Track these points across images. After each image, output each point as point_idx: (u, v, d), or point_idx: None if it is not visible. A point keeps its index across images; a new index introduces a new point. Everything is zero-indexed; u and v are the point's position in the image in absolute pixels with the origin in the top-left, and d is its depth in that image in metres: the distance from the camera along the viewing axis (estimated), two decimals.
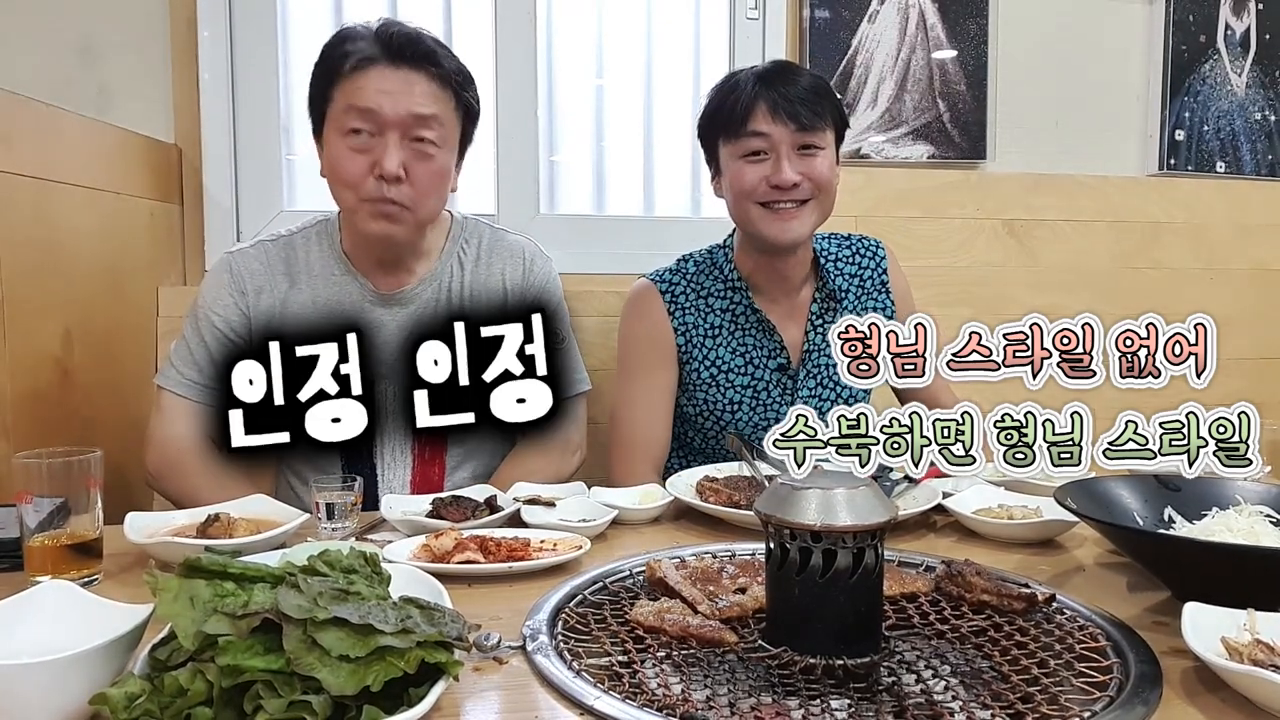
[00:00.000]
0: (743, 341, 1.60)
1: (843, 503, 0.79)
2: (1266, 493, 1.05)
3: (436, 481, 1.53)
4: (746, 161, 1.51)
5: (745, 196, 1.52)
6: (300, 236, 1.53)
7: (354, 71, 1.36)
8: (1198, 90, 2.49)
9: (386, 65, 1.36)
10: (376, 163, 1.35)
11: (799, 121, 1.48)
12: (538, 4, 2.17)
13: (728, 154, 1.54)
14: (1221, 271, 2.53)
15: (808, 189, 1.51)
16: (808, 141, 1.50)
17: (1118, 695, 0.73)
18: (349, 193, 1.39)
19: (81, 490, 1.00)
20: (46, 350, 1.44)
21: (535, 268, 1.57)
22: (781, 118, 1.48)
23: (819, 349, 1.61)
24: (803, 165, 1.50)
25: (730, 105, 1.51)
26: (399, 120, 1.35)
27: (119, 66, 1.93)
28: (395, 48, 1.37)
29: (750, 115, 1.49)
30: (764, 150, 1.50)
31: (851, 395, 1.61)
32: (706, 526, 1.23)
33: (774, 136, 1.48)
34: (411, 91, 1.36)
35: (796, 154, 1.50)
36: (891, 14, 2.28)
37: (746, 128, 1.49)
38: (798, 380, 1.60)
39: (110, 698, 0.62)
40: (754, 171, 1.50)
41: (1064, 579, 1.03)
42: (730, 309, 1.61)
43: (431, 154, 1.39)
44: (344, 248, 1.51)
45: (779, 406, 1.59)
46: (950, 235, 2.35)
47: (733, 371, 1.59)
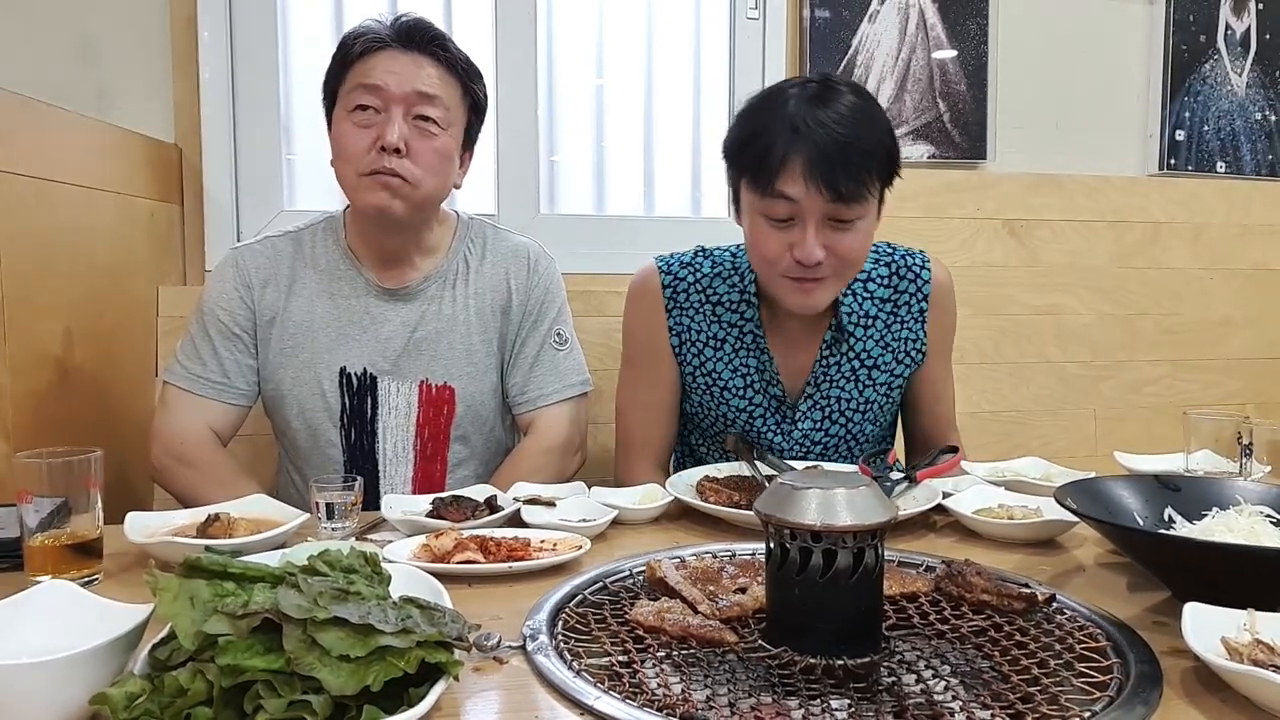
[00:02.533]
0: (744, 361, 1.48)
1: (843, 503, 0.79)
2: (1266, 493, 1.05)
3: (438, 479, 1.53)
4: (769, 225, 1.30)
5: (766, 264, 1.34)
6: (308, 232, 1.54)
7: (364, 54, 1.39)
8: (1198, 90, 2.49)
9: (397, 49, 1.39)
10: (379, 137, 1.37)
11: (836, 192, 1.24)
12: (538, 4, 2.18)
13: (749, 203, 1.33)
14: (1221, 271, 2.54)
15: (830, 266, 1.30)
16: (842, 215, 1.28)
17: (1118, 695, 0.73)
18: (349, 167, 1.40)
19: (81, 490, 1.00)
20: (46, 350, 1.44)
21: (539, 269, 1.57)
22: (817, 184, 1.24)
23: (826, 377, 1.48)
24: (830, 239, 1.29)
25: (760, 151, 1.27)
26: (403, 96, 1.38)
27: (119, 66, 1.93)
28: (405, 32, 1.40)
29: (780, 174, 1.25)
30: (791, 217, 1.29)
31: (857, 425, 1.52)
32: (706, 526, 1.23)
33: (804, 205, 1.26)
34: (419, 72, 1.39)
35: (828, 225, 1.28)
36: (891, 14, 2.28)
37: (774, 187, 1.26)
38: (797, 411, 1.49)
39: (110, 698, 0.62)
40: (777, 240, 1.30)
41: (1064, 579, 1.03)
42: (738, 324, 1.48)
43: (434, 133, 1.41)
44: (348, 242, 1.51)
45: (773, 436, 1.50)
46: (950, 235, 2.35)
47: (729, 391, 1.49)
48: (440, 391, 1.51)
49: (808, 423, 1.50)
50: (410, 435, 1.51)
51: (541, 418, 1.54)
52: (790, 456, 1.50)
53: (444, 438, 1.53)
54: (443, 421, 1.52)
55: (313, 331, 1.48)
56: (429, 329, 1.50)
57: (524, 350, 1.55)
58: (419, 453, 1.52)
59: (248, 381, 1.49)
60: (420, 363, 1.50)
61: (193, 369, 1.46)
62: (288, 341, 1.48)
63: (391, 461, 1.51)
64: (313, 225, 1.55)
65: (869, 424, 1.53)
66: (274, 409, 1.53)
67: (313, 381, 1.48)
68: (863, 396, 1.50)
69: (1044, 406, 2.42)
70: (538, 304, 1.56)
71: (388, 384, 1.50)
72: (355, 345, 1.49)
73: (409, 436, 1.51)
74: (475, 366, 1.52)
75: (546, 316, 1.56)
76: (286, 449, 1.57)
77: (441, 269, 1.53)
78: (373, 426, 1.50)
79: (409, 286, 1.51)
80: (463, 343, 1.52)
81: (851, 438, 1.53)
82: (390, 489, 1.50)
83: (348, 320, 1.49)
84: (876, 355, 1.49)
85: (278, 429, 1.56)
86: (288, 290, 1.49)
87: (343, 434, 1.50)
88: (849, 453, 1.54)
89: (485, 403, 1.54)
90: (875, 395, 1.51)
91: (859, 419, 1.51)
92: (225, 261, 1.52)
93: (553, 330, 1.56)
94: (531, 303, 1.56)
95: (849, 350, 1.49)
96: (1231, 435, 1.31)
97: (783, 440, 1.51)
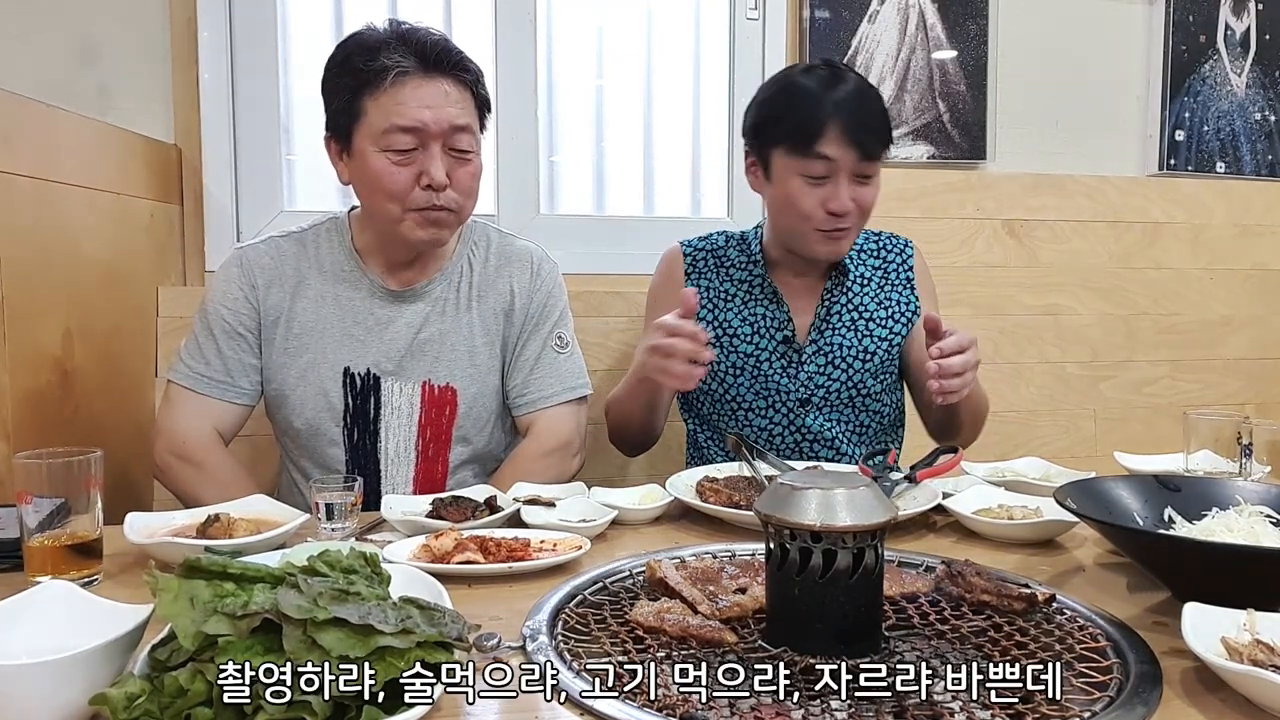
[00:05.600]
0: (753, 311, 1.63)
1: (843, 503, 0.79)
2: (1266, 493, 1.05)
3: (439, 479, 1.54)
4: (807, 183, 1.50)
5: (802, 219, 1.53)
6: (311, 233, 1.54)
7: (392, 86, 1.37)
8: (1198, 90, 2.49)
9: (421, 77, 1.38)
10: (423, 173, 1.38)
11: (866, 150, 1.48)
12: (538, 4, 2.17)
13: (785, 166, 1.52)
14: (1221, 271, 2.54)
15: (854, 216, 1.52)
16: (866, 171, 1.51)
17: (1118, 695, 0.73)
18: (394, 205, 1.40)
19: (81, 490, 1.00)
20: (46, 350, 1.44)
21: (542, 273, 1.59)
22: (850, 144, 1.47)
23: (828, 324, 1.62)
24: (855, 192, 1.50)
25: (799, 118, 1.49)
26: (440, 132, 1.38)
27: (119, 66, 1.93)
28: (432, 59, 1.38)
29: (821, 136, 1.47)
30: (826, 175, 1.49)
31: (858, 373, 1.62)
32: (706, 526, 1.23)
33: (839, 162, 1.48)
34: (448, 102, 1.39)
35: (854, 180, 1.50)
36: (891, 14, 2.28)
37: (814, 149, 1.48)
38: (803, 355, 1.61)
39: (110, 698, 0.62)
40: (813, 196, 1.50)
41: (1064, 579, 1.03)
42: (747, 280, 1.66)
43: (469, 159, 1.43)
44: (355, 245, 1.51)
45: (780, 378, 1.61)
46: (950, 235, 2.35)
47: (738, 338, 1.62)
48: (442, 392, 1.51)
49: (812, 366, 1.62)
50: (412, 435, 1.51)
51: (541, 419, 1.54)
52: (797, 399, 1.62)
53: (445, 438, 1.53)
54: (444, 422, 1.52)
55: (318, 332, 1.48)
56: (433, 330, 1.51)
57: (524, 352, 1.56)
58: (421, 453, 1.52)
59: (251, 381, 1.49)
60: (423, 363, 1.51)
61: (196, 368, 1.46)
62: (293, 341, 1.49)
63: (393, 462, 1.51)
64: (315, 226, 1.55)
65: (869, 377, 1.63)
66: (276, 408, 1.53)
67: (317, 381, 1.48)
68: (861, 345, 1.63)
69: (1044, 406, 2.42)
70: (539, 307, 1.57)
71: (391, 384, 1.50)
72: (360, 346, 1.49)
73: (411, 437, 1.51)
74: (477, 368, 1.53)
75: (548, 320, 1.57)
76: (288, 448, 1.57)
77: (446, 271, 1.53)
78: (375, 426, 1.50)
79: (415, 288, 1.51)
80: (465, 344, 1.52)
81: (854, 386, 1.63)
82: (392, 489, 1.50)
83: (353, 321, 1.49)
84: (873, 310, 1.66)
85: (279, 429, 1.56)
86: (293, 291, 1.49)
87: (345, 434, 1.50)
88: (852, 403, 1.64)
89: (487, 404, 1.54)
90: (874, 346, 1.64)
91: (860, 367, 1.63)
92: (230, 261, 1.52)
93: (554, 333, 1.57)
94: (534, 306, 1.57)
95: (848, 302, 1.65)
96: (1231, 435, 1.31)
97: (789, 382, 1.61)
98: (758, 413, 1.62)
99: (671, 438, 1.82)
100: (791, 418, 1.62)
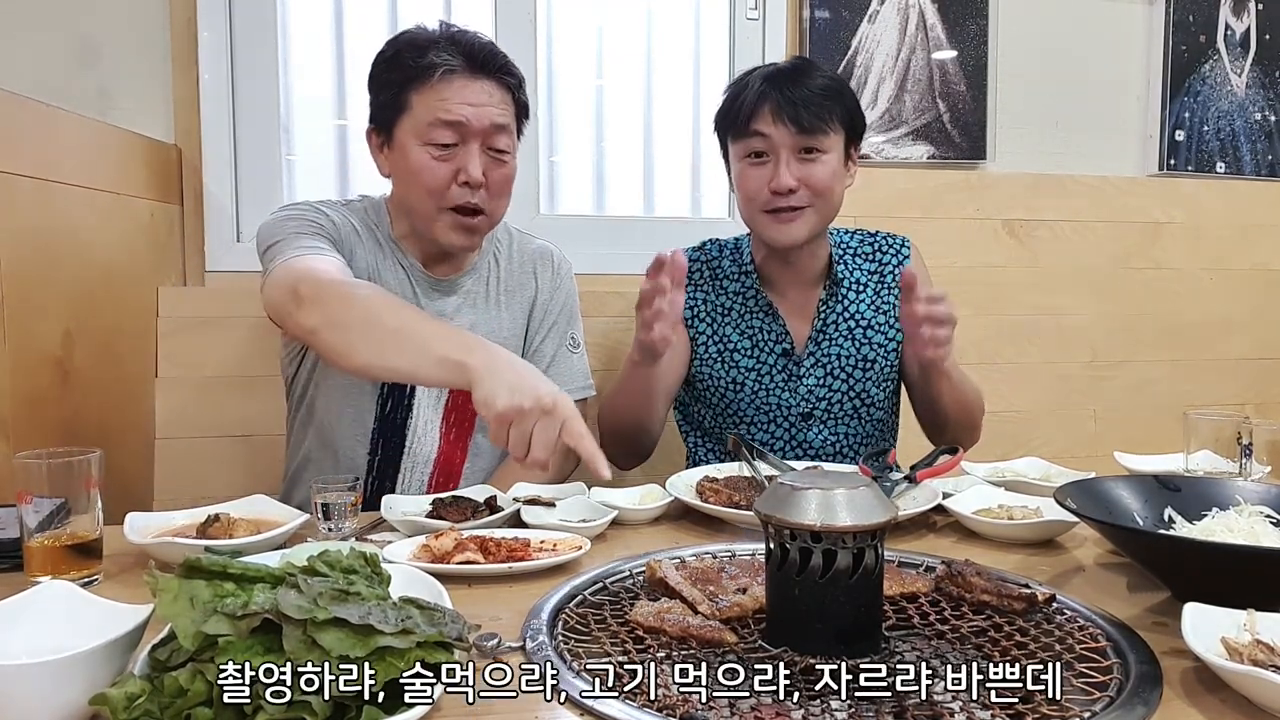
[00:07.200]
0: (750, 324, 1.62)
1: (843, 503, 0.79)
2: (1266, 493, 1.05)
3: (457, 466, 1.55)
4: (749, 164, 1.53)
5: (748, 201, 1.54)
6: (349, 209, 1.52)
7: (439, 82, 1.39)
8: (1198, 90, 2.49)
9: (467, 76, 1.41)
10: (460, 169, 1.41)
11: (800, 124, 1.47)
12: (538, 4, 2.17)
13: (734, 153, 1.55)
14: (1221, 271, 2.54)
15: (804, 195, 1.51)
16: (809, 145, 1.50)
17: (1118, 695, 0.73)
18: (430, 200, 1.42)
19: (81, 490, 1.00)
20: (46, 350, 1.44)
21: (563, 272, 1.64)
22: (783, 120, 1.48)
23: (825, 335, 1.61)
24: (801, 170, 1.50)
25: (738, 104, 1.52)
26: (481, 130, 1.41)
27: (119, 66, 1.93)
28: (479, 60, 1.41)
29: (754, 115, 1.49)
30: (765, 152, 1.51)
31: (859, 382, 1.61)
32: (706, 526, 1.23)
33: (774, 139, 1.49)
34: (491, 102, 1.42)
35: (797, 158, 1.50)
36: (891, 14, 2.28)
37: (749, 127, 1.50)
38: (802, 366, 1.60)
39: (110, 698, 0.62)
40: (756, 176, 1.52)
41: (1064, 579, 1.03)
42: (741, 292, 1.64)
43: (505, 161, 1.46)
44: (394, 234, 1.53)
45: (781, 391, 1.60)
46: (950, 235, 2.35)
47: (738, 352, 1.61)
48: None
49: (812, 379, 1.61)
50: (439, 414, 1.53)
51: None
52: (798, 412, 1.61)
53: (469, 425, 1.55)
54: (470, 409, 1.52)
55: None
56: (464, 321, 1.54)
57: (543, 349, 1.60)
58: (444, 435, 1.54)
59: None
60: None
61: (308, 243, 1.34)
62: None
63: (419, 438, 1.52)
64: (351, 203, 1.54)
65: (871, 384, 1.62)
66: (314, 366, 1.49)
67: None
68: (860, 354, 1.62)
69: (1044, 406, 2.42)
70: (559, 306, 1.62)
71: None
72: None
73: (438, 416, 1.53)
74: None
75: (565, 320, 1.62)
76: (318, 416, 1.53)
77: (475, 265, 1.57)
78: (410, 400, 1.51)
79: (450, 280, 1.55)
80: (494, 338, 1.52)
81: (856, 396, 1.62)
82: (412, 466, 1.51)
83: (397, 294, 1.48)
84: (870, 316, 1.64)
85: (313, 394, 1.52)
86: (349, 255, 1.46)
87: (379, 402, 1.50)
88: (856, 413, 1.63)
89: None
90: (873, 354, 1.62)
91: (860, 376, 1.62)
92: (302, 204, 1.46)
93: (569, 334, 1.62)
94: (554, 304, 1.61)
95: (844, 311, 1.63)
96: (1231, 435, 1.31)
97: (790, 396, 1.60)
98: (759, 426, 1.62)
99: (672, 443, 1.81)
100: (793, 432, 1.62)
